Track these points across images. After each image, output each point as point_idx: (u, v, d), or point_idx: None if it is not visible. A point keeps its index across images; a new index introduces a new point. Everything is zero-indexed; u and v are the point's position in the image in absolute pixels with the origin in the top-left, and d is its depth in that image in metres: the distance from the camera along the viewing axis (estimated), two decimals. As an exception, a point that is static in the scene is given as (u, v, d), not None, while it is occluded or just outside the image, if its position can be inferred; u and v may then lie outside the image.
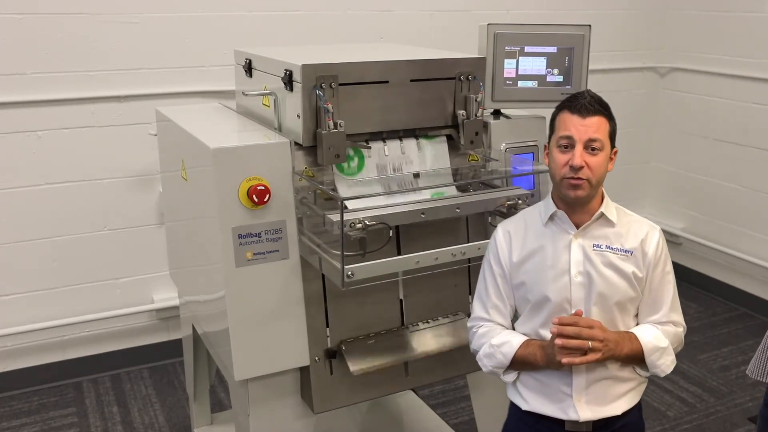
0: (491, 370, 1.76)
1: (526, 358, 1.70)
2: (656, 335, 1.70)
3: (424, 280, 2.07)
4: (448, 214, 1.96)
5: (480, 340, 1.78)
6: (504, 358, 1.72)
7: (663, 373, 1.71)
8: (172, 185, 2.42)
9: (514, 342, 1.72)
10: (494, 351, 1.74)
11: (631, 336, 1.69)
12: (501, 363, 1.73)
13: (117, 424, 3.15)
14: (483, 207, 2.03)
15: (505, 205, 2.01)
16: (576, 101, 1.65)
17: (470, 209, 2.01)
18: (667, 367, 1.71)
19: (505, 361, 1.72)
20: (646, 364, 1.70)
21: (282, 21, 3.55)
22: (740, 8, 4.08)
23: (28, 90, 3.17)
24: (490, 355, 1.75)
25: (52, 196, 3.30)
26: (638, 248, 1.70)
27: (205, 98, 3.39)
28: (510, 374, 1.76)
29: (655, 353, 1.69)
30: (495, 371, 1.76)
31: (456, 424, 3.07)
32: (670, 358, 1.72)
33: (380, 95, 1.97)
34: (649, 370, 1.72)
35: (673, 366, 1.73)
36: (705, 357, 3.71)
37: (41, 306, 3.37)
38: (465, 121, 2.05)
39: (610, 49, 4.40)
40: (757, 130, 4.06)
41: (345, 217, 1.73)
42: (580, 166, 1.61)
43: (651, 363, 1.69)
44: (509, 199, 2.01)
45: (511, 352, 1.71)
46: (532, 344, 1.71)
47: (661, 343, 1.70)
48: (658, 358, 1.69)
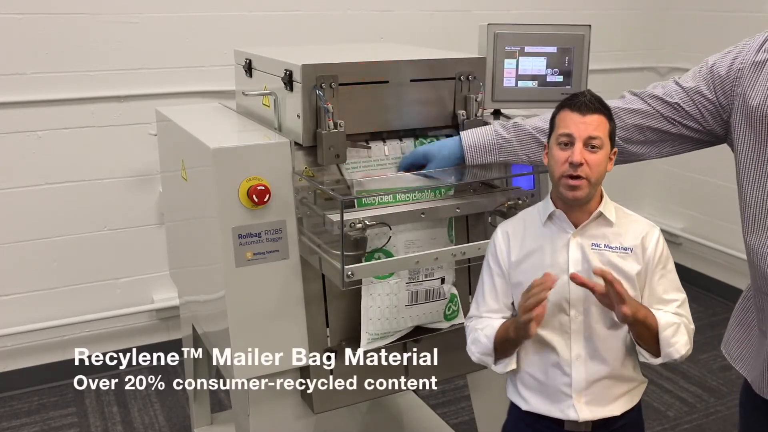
0: (479, 357, 1.75)
1: (503, 336, 1.68)
2: (667, 315, 1.65)
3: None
4: (448, 214, 1.96)
5: (471, 334, 1.78)
6: (487, 341, 1.70)
7: (677, 353, 1.63)
8: (172, 185, 2.42)
9: (495, 324, 1.71)
10: (478, 335, 1.73)
11: (647, 308, 1.64)
12: (486, 346, 1.71)
13: (117, 424, 3.15)
14: (483, 207, 2.04)
15: (506, 205, 2.01)
16: (576, 99, 1.66)
17: (470, 209, 2.01)
18: (682, 347, 1.63)
19: (488, 343, 1.70)
20: (658, 346, 1.63)
21: (282, 21, 3.55)
22: (740, 8, 4.08)
23: (28, 90, 3.17)
24: (475, 341, 1.74)
25: (52, 196, 3.30)
26: (638, 246, 1.70)
27: (205, 98, 3.39)
28: (501, 363, 1.73)
29: (669, 328, 1.62)
30: (483, 359, 1.74)
31: (456, 424, 3.07)
32: (685, 338, 1.65)
33: (380, 95, 1.97)
34: (662, 351, 1.63)
35: (687, 349, 1.65)
36: (705, 357, 3.71)
37: (41, 306, 3.37)
38: (465, 121, 2.05)
39: (610, 49, 4.40)
40: (757, 130, 4.06)
41: (345, 216, 1.73)
42: (579, 162, 1.61)
43: (665, 340, 1.62)
44: (509, 199, 2.01)
45: (492, 334, 1.70)
46: (509, 321, 1.70)
47: (674, 319, 1.64)
48: (672, 334, 1.62)
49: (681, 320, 1.68)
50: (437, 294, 2.04)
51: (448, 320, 2.08)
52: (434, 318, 2.06)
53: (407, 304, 1.99)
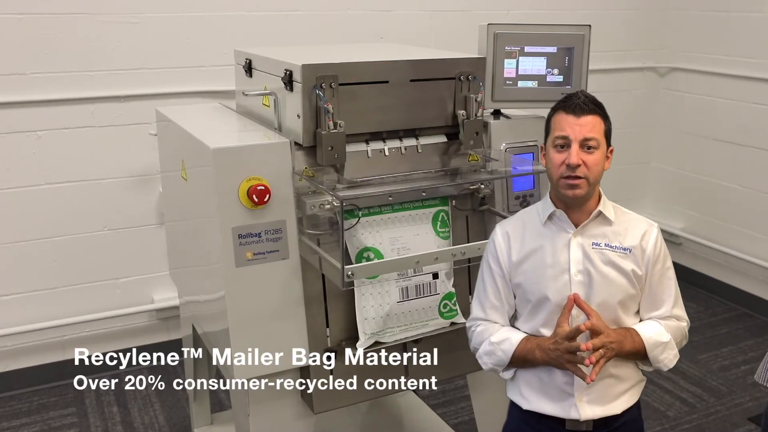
0: (491, 367, 1.77)
1: (525, 356, 1.71)
2: (658, 331, 1.70)
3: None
4: (415, 197, 2.00)
5: (479, 338, 1.78)
6: (504, 356, 1.73)
7: (666, 367, 1.72)
8: (172, 185, 2.42)
9: (514, 339, 1.73)
10: (494, 348, 1.74)
11: (633, 332, 1.69)
12: (501, 360, 1.74)
13: (117, 424, 3.15)
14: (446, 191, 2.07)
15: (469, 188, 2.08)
16: (570, 101, 1.66)
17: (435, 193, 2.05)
18: (670, 361, 1.71)
19: (505, 359, 1.73)
20: (648, 360, 1.70)
21: (282, 21, 3.55)
22: (740, 8, 4.08)
23: (28, 90, 3.16)
24: (490, 353, 1.75)
25: (52, 196, 3.30)
26: (637, 246, 1.70)
27: (205, 98, 3.39)
28: (509, 371, 1.77)
29: (656, 348, 1.69)
30: (495, 369, 1.77)
31: (456, 424, 3.07)
32: (673, 352, 1.72)
33: (380, 95, 1.97)
34: (652, 365, 1.72)
35: (676, 360, 1.73)
36: (705, 357, 3.71)
37: (41, 306, 3.37)
38: (465, 121, 2.05)
39: (610, 49, 4.40)
40: (757, 130, 4.06)
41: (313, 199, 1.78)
42: (577, 164, 1.61)
43: (653, 358, 1.69)
44: (472, 183, 2.07)
45: (510, 350, 1.72)
46: (531, 342, 1.71)
47: (662, 338, 1.70)
48: (660, 353, 1.70)
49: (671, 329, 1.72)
50: (429, 289, 2.04)
51: (445, 318, 2.08)
52: (429, 315, 2.06)
53: (399, 300, 1.99)
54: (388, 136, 2.04)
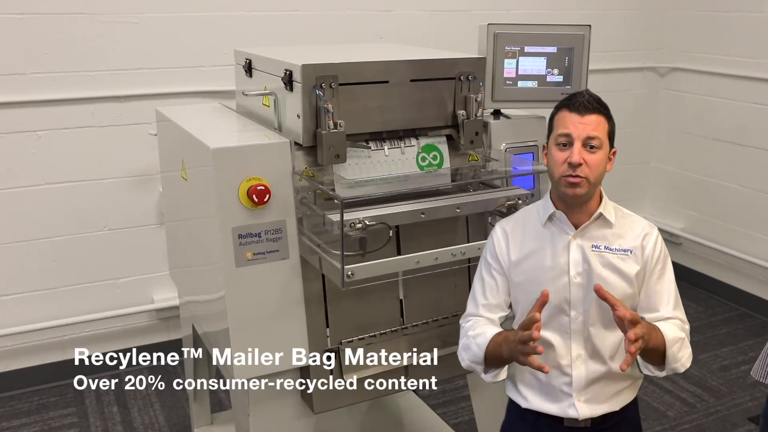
0: (468, 364, 1.73)
1: (495, 351, 1.66)
2: (672, 328, 1.66)
3: (424, 280, 2.07)
4: (448, 213, 1.96)
5: (463, 334, 1.77)
6: (478, 350, 1.69)
7: (683, 367, 1.65)
8: (172, 185, 2.42)
9: (489, 333, 1.69)
10: (470, 342, 1.71)
11: (655, 327, 1.63)
12: (476, 356, 1.70)
13: (117, 424, 3.15)
14: (483, 207, 2.03)
15: (505, 205, 2.01)
16: (575, 100, 1.65)
17: (470, 209, 2.01)
18: (687, 360, 1.66)
19: (480, 353, 1.68)
20: (664, 360, 1.64)
21: (282, 21, 3.55)
22: (740, 8, 4.08)
23: (28, 90, 3.16)
24: (466, 347, 1.73)
25: (52, 196, 3.30)
26: (637, 248, 1.70)
27: (205, 98, 3.39)
28: (490, 373, 1.71)
29: (676, 344, 1.64)
30: (472, 366, 1.72)
31: (456, 424, 3.07)
32: (688, 351, 1.67)
33: (380, 95, 1.97)
34: (668, 366, 1.64)
35: (690, 361, 1.67)
36: (705, 357, 3.71)
37: (41, 306, 3.37)
38: (465, 121, 2.05)
39: (610, 49, 4.40)
40: (757, 130, 4.06)
41: (345, 216, 1.73)
42: (578, 162, 1.61)
43: (672, 355, 1.63)
44: (509, 199, 2.01)
45: (484, 344, 1.68)
46: (501, 335, 1.67)
47: (679, 333, 1.66)
48: (678, 350, 1.64)
49: (683, 329, 1.68)
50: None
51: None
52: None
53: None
54: (388, 136, 2.04)
